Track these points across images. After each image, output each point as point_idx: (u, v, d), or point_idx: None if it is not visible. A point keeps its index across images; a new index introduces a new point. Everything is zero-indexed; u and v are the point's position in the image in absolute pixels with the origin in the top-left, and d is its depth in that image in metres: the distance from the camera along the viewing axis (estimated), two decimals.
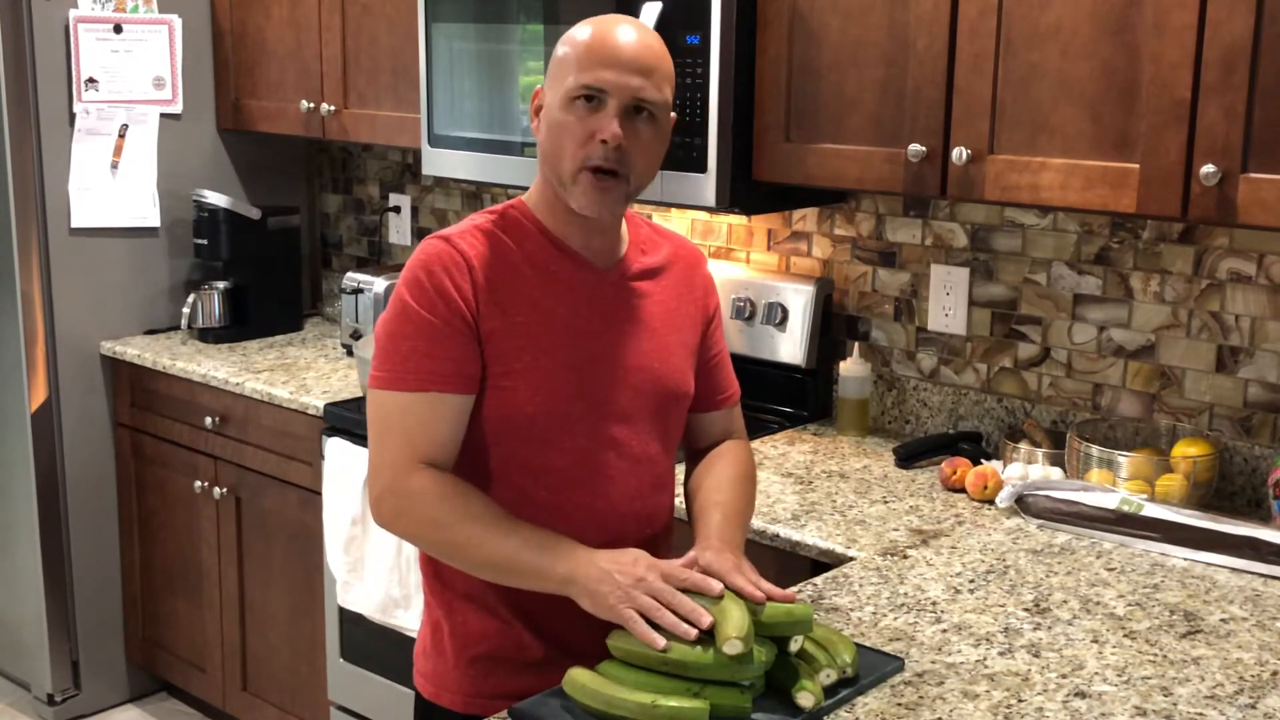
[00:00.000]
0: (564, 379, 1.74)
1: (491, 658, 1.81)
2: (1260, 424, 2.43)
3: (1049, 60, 2.21)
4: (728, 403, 1.99)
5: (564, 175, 1.71)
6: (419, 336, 1.70)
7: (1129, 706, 1.67)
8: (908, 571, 2.11)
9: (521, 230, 1.78)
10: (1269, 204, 2.02)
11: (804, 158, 2.55)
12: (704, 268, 1.96)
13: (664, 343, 1.84)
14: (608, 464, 1.79)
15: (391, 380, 1.71)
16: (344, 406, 3.09)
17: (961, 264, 2.78)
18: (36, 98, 3.50)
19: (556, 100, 1.70)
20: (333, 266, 4.16)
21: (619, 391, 1.78)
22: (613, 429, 1.79)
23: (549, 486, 1.76)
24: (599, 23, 1.72)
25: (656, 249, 1.88)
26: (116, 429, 3.73)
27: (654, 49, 1.72)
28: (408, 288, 1.72)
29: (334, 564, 3.02)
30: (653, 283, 1.85)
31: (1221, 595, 2.04)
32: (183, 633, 3.70)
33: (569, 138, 1.69)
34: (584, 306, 1.77)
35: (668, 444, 1.89)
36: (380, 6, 3.33)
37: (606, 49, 1.68)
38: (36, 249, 3.54)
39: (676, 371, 1.85)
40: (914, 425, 2.89)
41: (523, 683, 1.75)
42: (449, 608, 1.84)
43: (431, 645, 1.88)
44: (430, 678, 1.88)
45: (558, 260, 1.77)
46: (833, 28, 2.48)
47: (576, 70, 1.68)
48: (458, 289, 1.70)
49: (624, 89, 1.68)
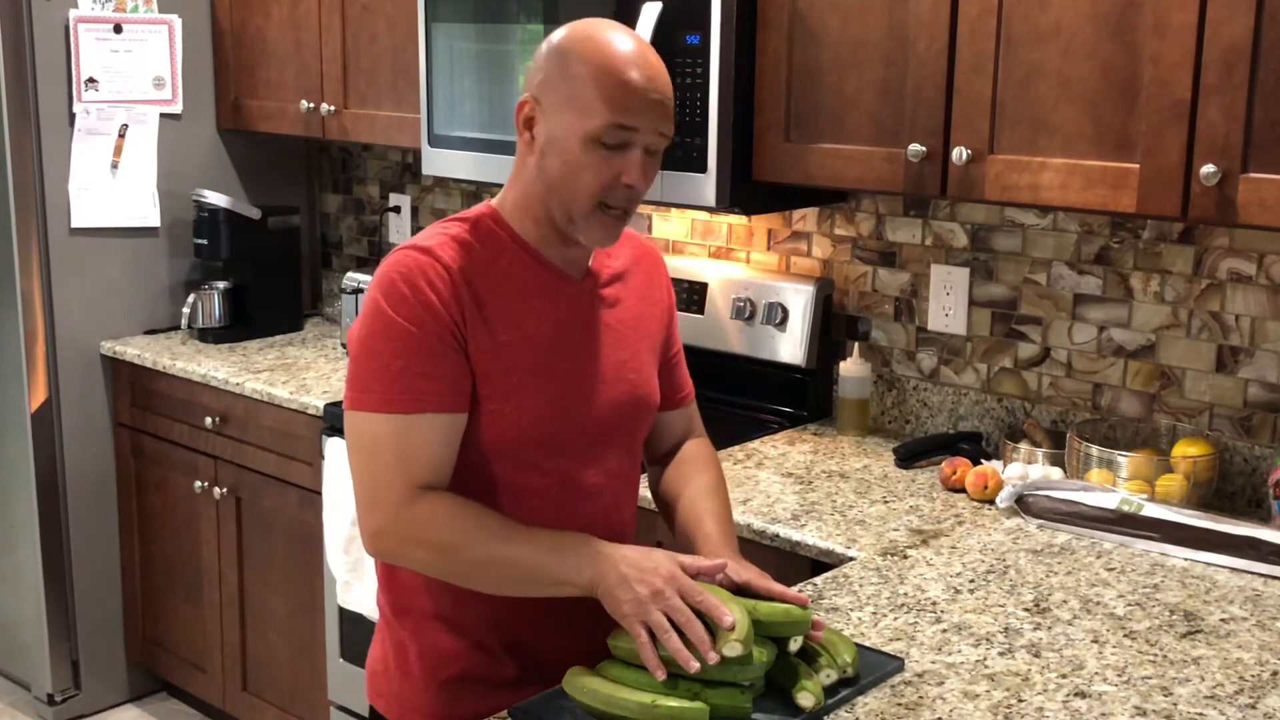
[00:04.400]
0: (548, 401, 1.69)
1: (463, 679, 1.75)
2: (1260, 424, 2.43)
3: (1049, 60, 2.21)
4: (686, 400, 1.96)
5: (574, 211, 1.64)
6: (408, 354, 1.60)
7: (1129, 706, 1.67)
8: (908, 571, 2.11)
9: (497, 242, 1.69)
10: (1269, 204, 2.02)
11: (804, 158, 2.55)
12: (662, 265, 1.91)
13: (635, 351, 1.80)
14: (586, 481, 1.75)
15: (381, 402, 1.60)
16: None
17: (961, 264, 2.78)
18: (36, 98, 3.50)
19: (575, 134, 1.60)
20: (333, 266, 4.16)
21: (599, 408, 1.74)
22: (593, 447, 1.75)
23: (530, 506, 1.69)
24: (610, 51, 1.62)
25: (620, 249, 1.83)
26: (116, 429, 3.73)
27: (666, 78, 1.65)
28: (389, 301, 1.61)
29: (334, 564, 3.02)
30: (621, 287, 1.81)
31: (1221, 595, 2.04)
32: (183, 633, 3.70)
33: (590, 177, 1.62)
34: (564, 321, 1.72)
35: (634, 455, 1.86)
36: (380, 6, 3.33)
37: (634, 87, 1.60)
38: (36, 249, 3.54)
39: (648, 382, 1.82)
40: (914, 425, 2.89)
41: (496, 702, 1.69)
42: (416, 629, 1.76)
43: (395, 667, 1.79)
44: (395, 699, 1.80)
45: (536, 273, 1.70)
46: (833, 28, 2.48)
47: (603, 107, 1.59)
48: (443, 303, 1.61)
49: (651, 132, 1.62)
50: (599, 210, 1.64)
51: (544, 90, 1.64)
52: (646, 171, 1.64)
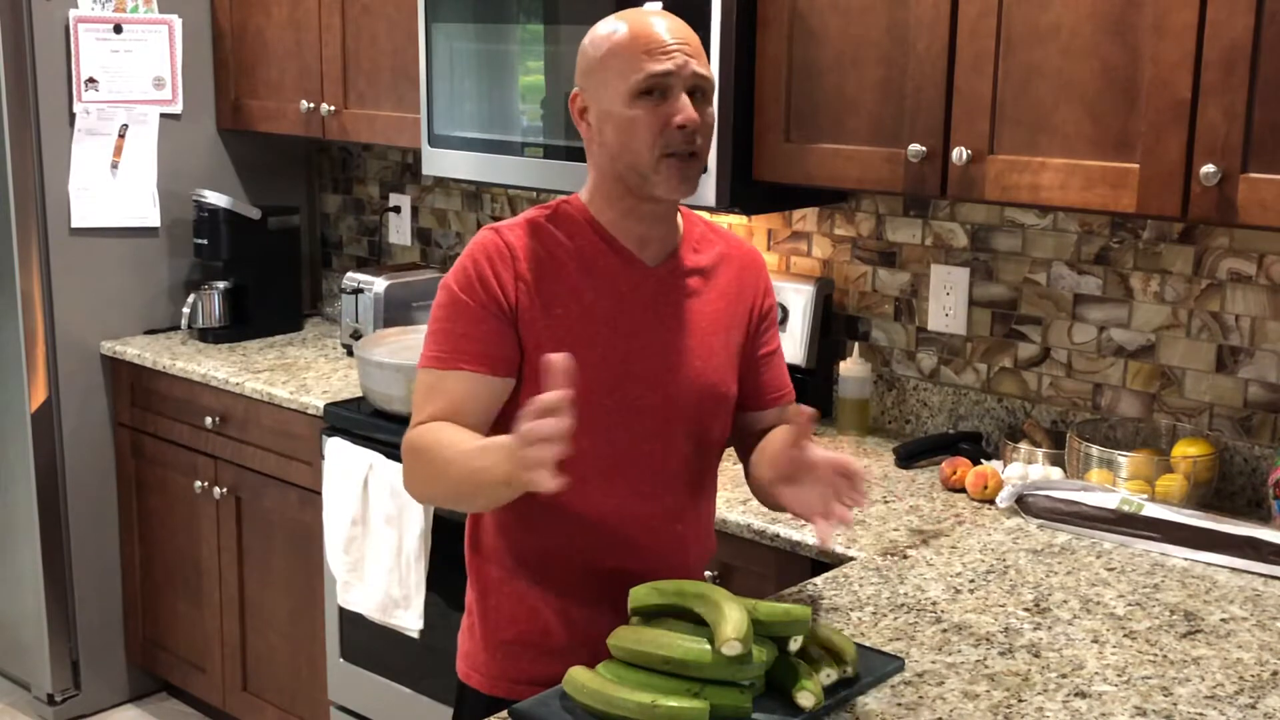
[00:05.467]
0: (597, 374, 1.75)
1: (517, 642, 1.86)
2: (1260, 424, 2.43)
3: (1049, 60, 2.21)
4: (781, 401, 1.97)
5: (643, 166, 1.73)
6: (455, 319, 1.76)
7: (1129, 706, 1.67)
8: (908, 571, 2.11)
9: (572, 224, 1.81)
10: (1269, 204, 2.02)
11: (804, 158, 2.55)
12: (761, 268, 1.96)
13: (707, 342, 1.84)
14: (635, 461, 1.81)
15: (428, 359, 1.79)
16: (344, 406, 3.09)
17: (961, 264, 2.78)
18: (36, 98, 3.50)
19: (619, 97, 1.72)
20: (333, 266, 4.16)
21: (654, 389, 1.80)
22: (643, 426, 1.80)
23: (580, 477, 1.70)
24: (630, 18, 1.76)
25: (710, 247, 1.89)
26: (116, 429, 3.73)
27: (689, 29, 1.76)
28: (454, 274, 1.79)
29: (334, 564, 3.02)
30: (702, 280, 1.86)
31: (1221, 595, 2.04)
32: (183, 633, 3.70)
33: (644, 129, 1.71)
34: (627, 301, 1.79)
35: (703, 446, 1.88)
36: (380, 6, 3.33)
37: (655, 38, 1.72)
38: (36, 249, 3.54)
39: (716, 372, 1.85)
40: (914, 425, 2.89)
41: (547, 669, 1.76)
42: (484, 590, 1.89)
43: (467, 626, 1.94)
44: (465, 658, 1.94)
45: (605, 255, 1.80)
46: (833, 28, 2.48)
47: (634, 64, 1.71)
48: (497, 277, 1.75)
49: (684, 72, 1.72)
50: (666, 159, 1.72)
51: (585, 78, 1.77)
52: (696, 112, 1.73)
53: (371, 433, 2.96)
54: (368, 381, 3.00)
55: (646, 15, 1.76)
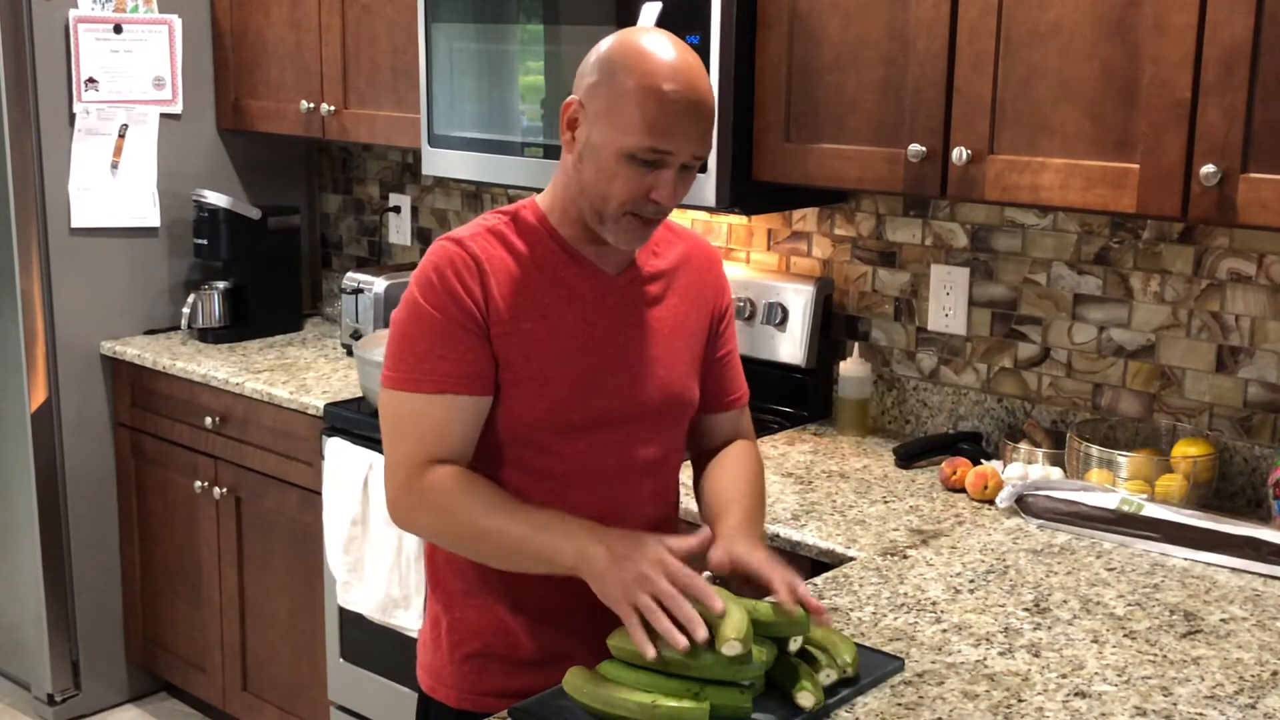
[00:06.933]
0: (568, 387, 1.74)
1: (485, 655, 1.82)
2: (1260, 424, 2.44)
3: (1049, 60, 2.21)
4: (736, 404, 1.97)
5: (606, 215, 1.69)
6: (434, 338, 1.69)
7: (1129, 706, 1.67)
8: (908, 571, 2.11)
9: (533, 234, 1.76)
10: (1269, 204, 2.02)
11: (804, 158, 2.55)
12: (717, 266, 1.93)
13: (671, 349, 1.83)
14: (608, 470, 1.79)
15: (406, 381, 1.70)
16: (344, 406, 3.09)
17: (961, 264, 2.78)
18: (36, 98, 3.50)
19: (612, 145, 1.65)
20: (333, 266, 4.16)
21: (623, 400, 1.78)
22: (615, 436, 1.78)
23: (548, 490, 1.75)
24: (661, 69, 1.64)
25: (669, 248, 1.86)
26: (116, 429, 3.73)
27: (710, 102, 1.68)
28: (420, 288, 1.71)
29: (334, 564, 3.02)
30: (663, 285, 1.83)
31: (1221, 595, 2.04)
32: (183, 633, 3.70)
33: (621, 188, 1.66)
34: (592, 313, 1.76)
35: (669, 451, 1.88)
36: (380, 6, 3.33)
37: (675, 113, 1.63)
38: (36, 249, 3.54)
39: (681, 380, 1.84)
40: (914, 425, 2.89)
41: (517, 682, 1.76)
42: (448, 603, 1.85)
43: (430, 639, 1.89)
44: (428, 671, 1.89)
45: (567, 266, 1.76)
46: (833, 28, 2.48)
47: (642, 131, 1.63)
48: (468, 291, 1.69)
49: (686, 155, 1.66)
50: (628, 216, 1.69)
51: (589, 96, 1.68)
52: (677, 189, 1.69)
53: (371, 433, 2.96)
54: (368, 382, 3.00)
55: (675, 76, 1.64)
